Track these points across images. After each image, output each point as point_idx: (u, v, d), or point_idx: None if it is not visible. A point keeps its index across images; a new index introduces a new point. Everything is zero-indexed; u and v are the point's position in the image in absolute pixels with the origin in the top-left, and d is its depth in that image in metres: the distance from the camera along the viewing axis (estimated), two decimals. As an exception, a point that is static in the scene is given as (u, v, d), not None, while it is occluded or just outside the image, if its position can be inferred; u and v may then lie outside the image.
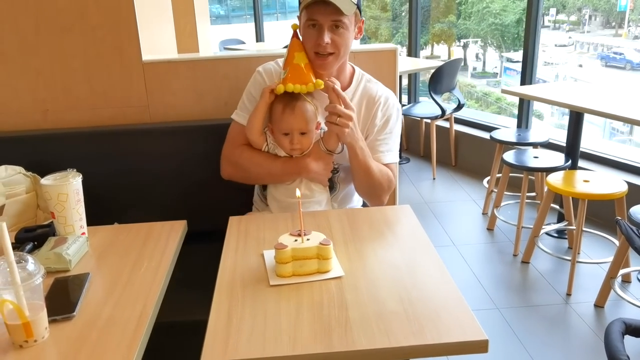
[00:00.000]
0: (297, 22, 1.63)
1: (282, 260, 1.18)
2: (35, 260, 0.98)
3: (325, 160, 1.64)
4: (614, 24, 11.13)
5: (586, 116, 2.90)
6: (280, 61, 1.74)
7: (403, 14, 12.90)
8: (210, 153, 1.92)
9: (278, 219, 1.52)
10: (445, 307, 1.09)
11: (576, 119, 2.92)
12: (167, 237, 1.43)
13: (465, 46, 12.31)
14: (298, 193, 1.27)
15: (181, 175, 2.00)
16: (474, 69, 12.35)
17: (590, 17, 11.26)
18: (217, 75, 2.05)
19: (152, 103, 2.06)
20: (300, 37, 1.61)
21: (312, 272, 1.19)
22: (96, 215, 1.96)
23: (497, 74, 12.53)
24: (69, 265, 1.24)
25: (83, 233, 1.38)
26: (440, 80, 3.96)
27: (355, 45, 1.81)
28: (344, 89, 1.67)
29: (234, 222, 1.50)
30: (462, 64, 4.30)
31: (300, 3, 1.58)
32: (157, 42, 2.29)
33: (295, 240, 1.20)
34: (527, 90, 3.16)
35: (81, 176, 1.38)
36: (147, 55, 2.02)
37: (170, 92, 2.05)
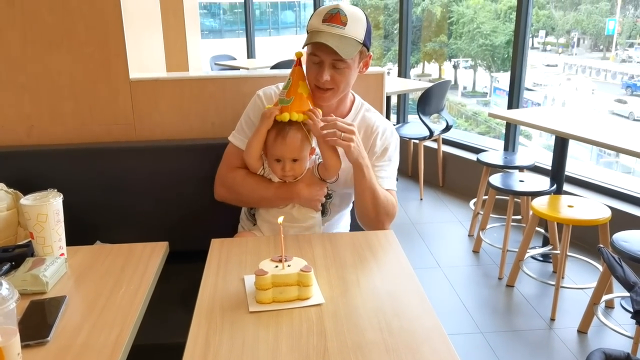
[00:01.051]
0: (300, 49, 1.61)
1: (262, 287, 1.17)
2: (9, 284, 0.96)
3: (318, 186, 1.64)
4: (602, 47, 11.32)
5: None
6: (281, 85, 1.74)
7: (395, 31, 13.02)
8: (196, 172, 1.92)
9: (260, 242, 1.52)
10: (426, 338, 1.08)
11: (561, 144, 2.95)
12: (148, 259, 1.42)
13: (455, 66, 12.46)
14: (280, 219, 1.27)
15: (166, 194, 1.99)
16: (465, 88, 12.48)
17: (579, 39, 11.45)
18: (204, 95, 2.05)
19: (139, 121, 2.05)
20: (304, 67, 1.61)
21: (292, 299, 1.18)
22: (79, 232, 1.94)
23: (486, 93, 12.69)
24: (45, 288, 1.23)
25: (62, 254, 1.37)
26: (429, 102, 3.99)
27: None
28: (343, 117, 1.68)
29: (216, 245, 1.49)
30: (453, 83, 4.34)
31: (307, 32, 1.58)
32: (145, 57, 2.29)
33: (276, 267, 1.20)
34: (513, 114, 3.19)
35: (62, 196, 1.36)
36: (134, 73, 2.02)
37: (157, 110, 2.05)
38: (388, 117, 4.19)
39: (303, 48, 1.58)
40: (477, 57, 12.13)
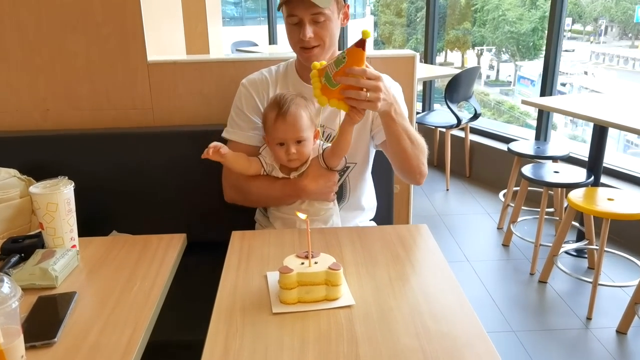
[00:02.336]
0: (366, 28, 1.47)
1: (286, 286, 1.07)
2: (11, 281, 0.88)
3: (325, 177, 1.53)
4: (630, 35, 10.97)
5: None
6: (265, 71, 1.65)
7: (418, 19, 12.80)
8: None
9: (284, 235, 1.42)
10: (467, 344, 0.97)
11: (600, 133, 2.80)
12: (165, 252, 1.33)
13: (479, 54, 12.21)
14: (302, 216, 1.16)
15: (185, 182, 1.90)
16: (488, 77, 12.25)
17: (606, 27, 11.12)
18: (225, 78, 1.95)
19: (157, 105, 1.96)
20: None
21: (320, 300, 1.08)
22: (95, 222, 1.88)
23: (510, 82, 12.41)
24: (55, 282, 1.14)
25: (74, 246, 1.28)
26: (457, 89, 3.84)
27: (372, 51, 1.71)
28: None
29: (236, 237, 1.39)
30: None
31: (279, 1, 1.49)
32: (165, 42, 2.20)
33: (302, 264, 1.10)
34: (548, 101, 3.03)
35: (73, 184, 1.28)
36: (152, 56, 1.92)
37: (176, 94, 1.96)
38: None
39: (279, 10, 1.50)
40: (502, 45, 11.87)
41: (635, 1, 10.03)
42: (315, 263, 1.09)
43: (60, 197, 1.23)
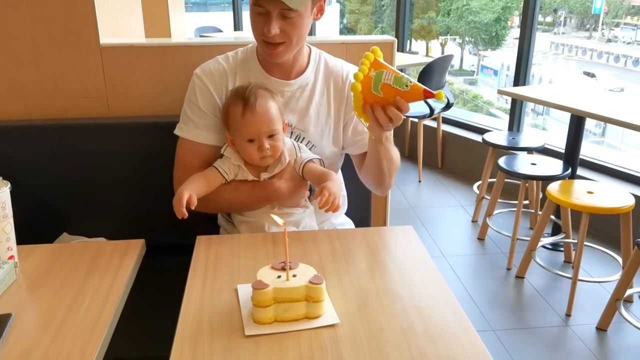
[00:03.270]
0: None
1: (261, 303, 0.93)
2: None
3: (298, 181, 1.39)
4: (588, 26, 11.17)
5: (555, 115, 2.71)
6: (221, 59, 1.47)
7: (383, 7, 12.74)
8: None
9: (256, 240, 1.27)
10: (469, 369, 0.85)
11: (577, 124, 2.73)
12: (120, 261, 1.17)
13: (443, 43, 12.27)
14: (279, 220, 1.02)
15: (143, 178, 1.72)
16: (452, 66, 12.33)
17: (565, 19, 11.29)
18: (189, 65, 1.74)
19: (112, 94, 1.78)
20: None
21: (299, 318, 0.95)
22: (42, 222, 1.70)
23: (473, 72, 12.52)
24: (-14, 303, 0.97)
25: (11, 257, 1.11)
26: (430, 78, 3.73)
27: (349, 36, 1.57)
28: (302, 71, 1.44)
29: (202, 243, 1.24)
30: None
31: None
32: (121, 25, 2.00)
33: (279, 277, 0.95)
34: (524, 91, 2.95)
35: (9, 186, 1.10)
36: (106, 39, 1.74)
37: (134, 82, 1.77)
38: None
39: None
40: (465, 34, 11.95)
41: (593, -8, 10.16)
42: (294, 276, 0.95)
43: (-8, 201, 1.05)
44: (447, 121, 4.23)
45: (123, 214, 1.72)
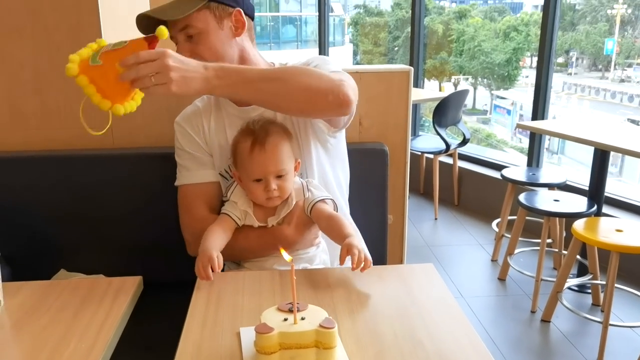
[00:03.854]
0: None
1: (265, 350, 0.82)
2: None
3: (309, 225, 1.29)
4: (600, 66, 11.19)
5: (570, 154, 2.60)
6: (198, 101, 1.43)
7: (395, 49, 12.90)
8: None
9: (262, 278, 1.16)
10: None
11: (601, 158, 2.62)
12: (113, 299, 1.07)
13: (456, 83, 12.36)
14: (287, 257, 0.93)
15: (147, 213, 1.65)
16: (465, 105, 12.40)
17: (577, 59, 11.34)
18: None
19: (117, 124, 1.69)
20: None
21: (309, 367, 0.83)
22: (40, 257, 1.62)
23: (486, 111, 12.53)
24: (-41, 346, 0.87)
25: (-6, 294, 1.01)
26: (445, 113, 3.66)
27: (363, 66, 1.49)
28: None
29: (203, 280, 1.14)
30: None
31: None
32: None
33: (285, 319, 0.85)
34: (544, 125, 2.85)
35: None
36: (112, 67, 1.68)
37: (139, 111, 1.69)
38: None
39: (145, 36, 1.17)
40: (478, 74, 12.04)
41: (604, 34, 10.21)
42: (302, 319, 0.85)
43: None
44: (462, 157, 4.13)
45: (124, 250, 1.63)
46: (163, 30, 1.03)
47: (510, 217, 3.11)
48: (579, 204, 2.59)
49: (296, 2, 17.30)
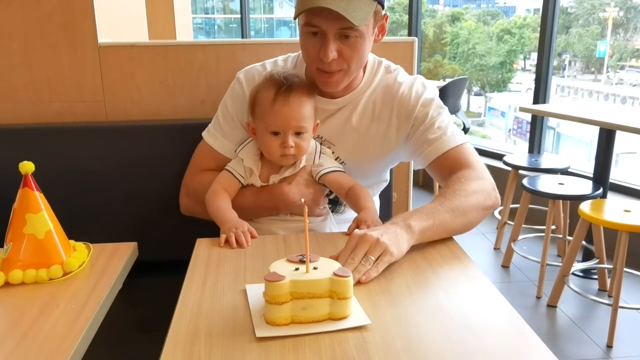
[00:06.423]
0: None
1: (276, 299, 0.75)
2: None
3: (313, 189, 1.23)
4: (593, 69, 11.22)
5: (569, 149, 2.55)
6: (269, 64, 1.31)
7: (390, 50, 12.89)
8: (180, 161, 1.50)
9: (265, 242, 1.09)
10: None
11: (607, 138, 2.56)
12: (106, 264, 1.00)
13: (449, 86, 12.37)
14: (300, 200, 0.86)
15: (142, 188, 1.57)
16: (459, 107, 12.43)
17: (570, 62, 11.38)
18: (193, 66, 1.65)
19: (110, 97, 1.64)
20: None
21: (322, 319, 0.77)
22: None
23: (480, 113, 12.55)
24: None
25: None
26: (445, 100, 3.58)
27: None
28: (353, 87, 1.26)
29: (202, 245, 1.07)
30: (467, 83, 3.97)
31: (296, 8, 1.14)
32: (121, 24, 1.89)
33: (297, 269, 0.78)
34: (547, 108, 2.80)
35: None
36: (104, 38, 1.61)
37: (133, 84, 1.64)
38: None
39: (295, 19, 1.15)
40: (472, 77, 12.06)
41: (596, 37, 10.23)
42: (315, 268, 0.78)
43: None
44: (462, 148, 4.07)
45: (119, 224, 1.56)
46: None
47: (512, 206, 3.05)
48: (584, 186, 2.53)
49: (290, 6, 17.30)
